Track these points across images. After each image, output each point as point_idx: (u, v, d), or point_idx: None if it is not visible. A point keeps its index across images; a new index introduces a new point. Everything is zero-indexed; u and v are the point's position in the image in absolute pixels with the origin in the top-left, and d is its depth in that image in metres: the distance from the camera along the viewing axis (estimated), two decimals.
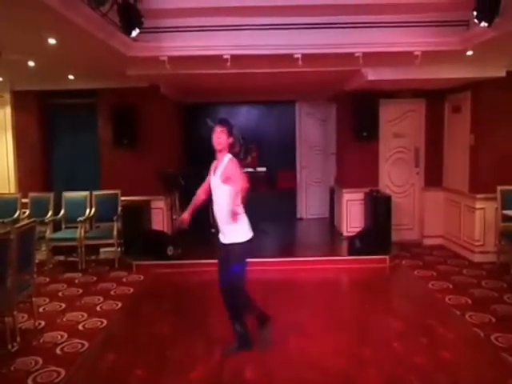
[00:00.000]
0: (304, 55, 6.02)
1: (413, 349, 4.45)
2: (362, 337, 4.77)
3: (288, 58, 6.08)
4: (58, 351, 4.55)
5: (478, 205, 7.49)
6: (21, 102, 8.33)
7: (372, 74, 6.99)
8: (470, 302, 5.72)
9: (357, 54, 6.02)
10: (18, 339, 4.70)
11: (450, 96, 8.41)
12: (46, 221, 7.55)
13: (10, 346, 4.57)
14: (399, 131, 8.83)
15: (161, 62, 6.08)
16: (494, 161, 7.41)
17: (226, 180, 4.12)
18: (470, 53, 6.00)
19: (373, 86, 7.63)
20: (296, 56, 6.02)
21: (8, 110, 8.32)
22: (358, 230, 8.02)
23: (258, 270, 7.06)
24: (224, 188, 4.15)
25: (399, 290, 6.69)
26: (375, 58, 6.27)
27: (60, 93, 8.28)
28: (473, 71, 6.89)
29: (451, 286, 6.34)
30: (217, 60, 6.07)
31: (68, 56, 6.11)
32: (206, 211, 9.01)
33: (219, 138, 4.16)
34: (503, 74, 6.94)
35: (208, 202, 8.96)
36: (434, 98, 8.61)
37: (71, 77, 7.53)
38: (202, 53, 6.05)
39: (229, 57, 5.99)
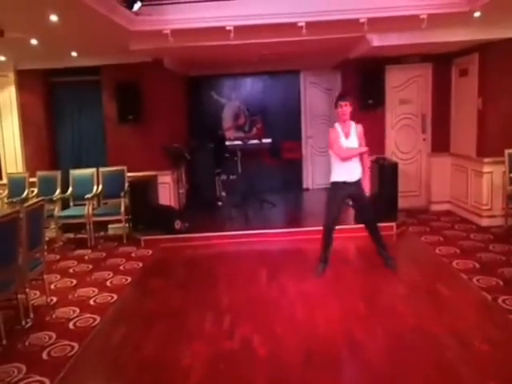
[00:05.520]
0: (308, 23, 5.94)
1: (420, 313, 4.48)
2: (369, 303, 4.79)
3: (292, 27, 6.00)
4: (70, 326, 4.63)
5: (486, 169, 7.44)
6: (25, 81, 8.27)
7: (377, 40, 6.88)
8: (477, 266, 5.73)
9: (361, 20, 5.92)
10: (32, 315, 4.79)
11: (457, 59, 8.27)
12: (54, 199, 7.62)
13: (23, 322, 4.65)
14: (405, 97, 8.74)
15: (164, 36, 6.02)
16: (501, 124, 7.33)
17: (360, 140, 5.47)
18: (477, 14, 5.86)
19: (378, 52, 7.51)
20: (300, 24, 5.94)
21: (13, 89, 8.26)
22: None
23: (265, 240, 7.13)
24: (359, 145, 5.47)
25: (406, 257, 6.67)
26: (380, 24, 6.16)
27: (64, 71, 8.18)
28: (480, 33, 6.77)
29: (458, 251, 6.34)
30: (220, 32, 6.00)
31: (70, 33, 6.06)
32: (212, 185, 9.09)
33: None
34: (511, 35, 6.79)
35: (215, 175, 8.90)
36: (441, 62, 8.48)
37: (74, 54, 7.47)
38: (205, 25, 6.00)
39: (232, 28, 5.93)
